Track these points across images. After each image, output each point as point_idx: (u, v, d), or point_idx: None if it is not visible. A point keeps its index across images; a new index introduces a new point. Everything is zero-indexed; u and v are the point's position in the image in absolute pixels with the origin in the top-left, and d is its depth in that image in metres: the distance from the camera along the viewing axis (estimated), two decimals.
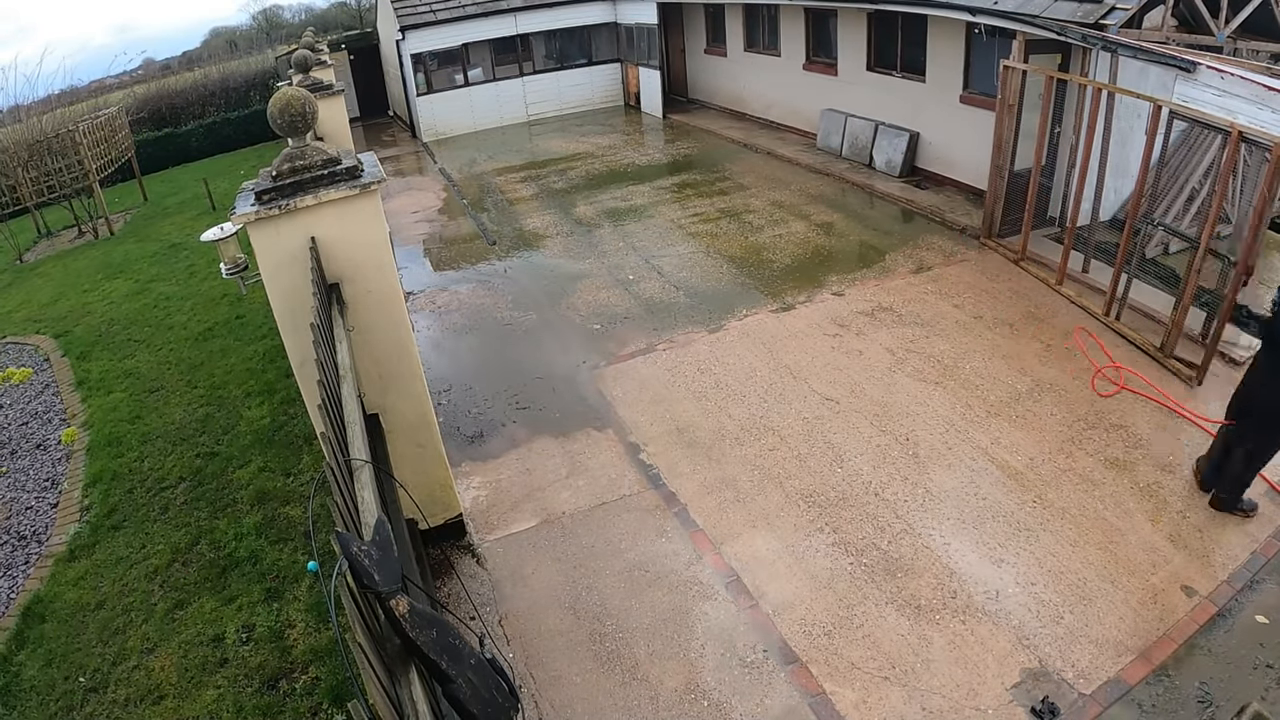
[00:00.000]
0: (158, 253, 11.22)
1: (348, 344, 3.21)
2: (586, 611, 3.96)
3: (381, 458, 3.46)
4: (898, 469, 4.76)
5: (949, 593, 3.87)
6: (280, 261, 3.38)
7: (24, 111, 14.89)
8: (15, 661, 4.07)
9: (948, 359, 5.86)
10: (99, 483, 5.55)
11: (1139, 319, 6.12)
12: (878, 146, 10.46)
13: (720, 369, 6.00)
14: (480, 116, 16.31)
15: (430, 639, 1.77)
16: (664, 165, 12.08)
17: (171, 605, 4.31)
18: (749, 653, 3.64)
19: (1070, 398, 5.30)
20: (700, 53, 15.78)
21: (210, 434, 5.96)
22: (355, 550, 1.68)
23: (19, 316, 9.43)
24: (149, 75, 26.28)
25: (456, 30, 15.62)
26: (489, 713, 1.89)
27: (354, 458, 2.27)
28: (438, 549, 4.38)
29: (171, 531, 4.92)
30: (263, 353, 7.16)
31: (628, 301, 7.34)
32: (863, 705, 3.36)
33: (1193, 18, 7.83)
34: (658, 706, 3.43)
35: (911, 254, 7.78)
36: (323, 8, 39.70)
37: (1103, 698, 3.32)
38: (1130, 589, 3.83)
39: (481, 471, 5.11)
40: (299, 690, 3.65)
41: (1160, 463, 4.67)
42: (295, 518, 4.85)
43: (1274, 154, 4.57)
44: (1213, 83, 5.65)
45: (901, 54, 10.08)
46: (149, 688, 3.79)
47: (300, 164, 3.36)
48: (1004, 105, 7.17)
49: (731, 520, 4.47)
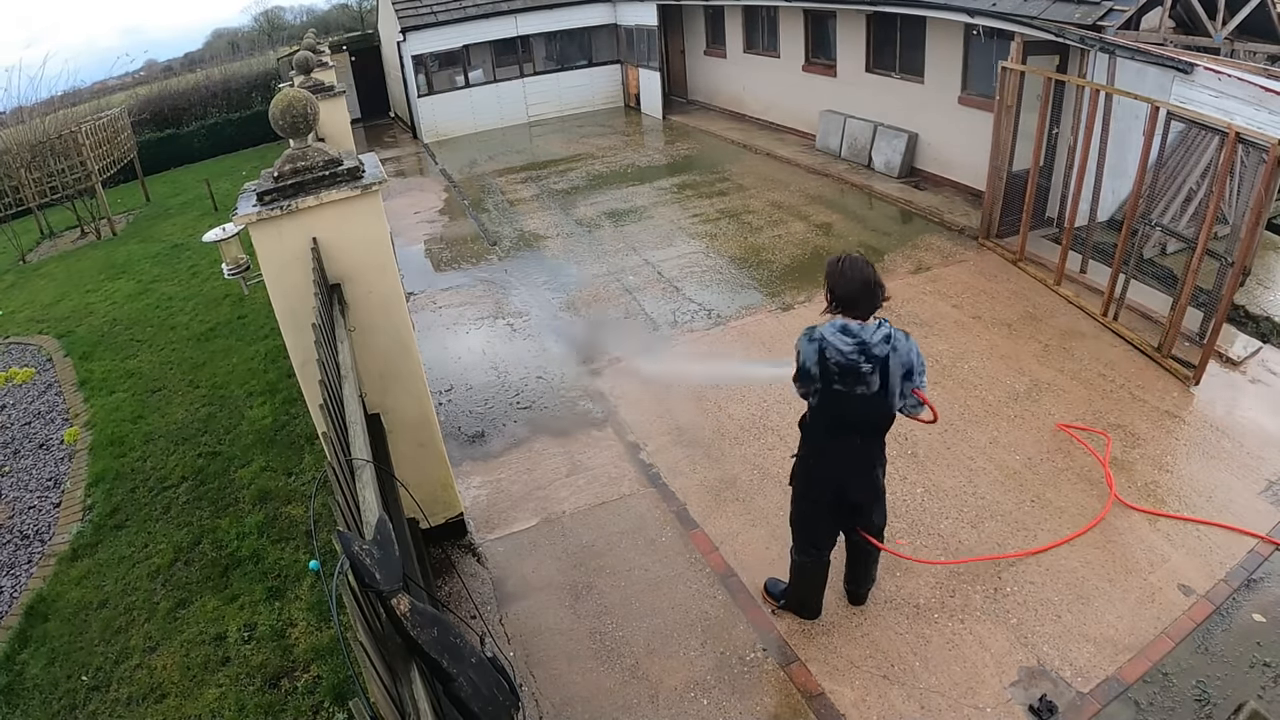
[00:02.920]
0: (160, 253, 11.24)
1: (349, 344, 3.23)
2: (587, 610, 3.97)
3: (383, 457, 3.47)
4: (896, 468, 4.77)
5: (948, 592, 3.88)
6: (282, 262, 3.40)
7: (27, 113, 14.91)
8: (18, 660, 4.09)
9: (946, 359, 5.88)
10: (101, 482, 5.57)
11: (1137, 319, 6.13)
12: (876, 147, 10.47)
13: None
14: (481, 117, 16.34)
15: (431, 637, 1.78)
16: (664, 166, 12.10)
17: (174, 604, 4.33)
18: (749, 651, 3.66)
19: (1069, 397, 5.31)
20: (700, 54, 15.80)
21: (212, 434, 5.98)
22: (357, 549, 1.69)
23: (22, 317, 9.45)
24: (151, 76, 26.34)
25: (457, 31, 15.65)
26: (490, 711, 1.90)
27: (355, 457, 2.29)
28: (439, 548, 4.40)
29: (174, 531, 4.94)
30: (264, 353, 7.18)
31: (628, 301, 7.36)
32: (862, 704, 3.37)
33: (1190, 19, 7.86)
34: (658, 705, 3.45)
35: (910, 254, 7.80)
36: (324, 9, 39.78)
37: (1100, 696, 3.33)
38: (1128, 588, 3.84)
39: (482, 471, 5.13)
40: (300, 689, 3.67)
41: (1158, 462, 4.68)
42: (297, 517, 4.87)
43: (1270, 155, 4.58)
44: (1210, 84, 5.67)
45: (900, 55, 10.10)
46: (151, 686, 3.81)
47: (302, 165, 3.38)
48: (1002, 106, 7.19)
49: (731, 519, 4.49)
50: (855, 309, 2.91)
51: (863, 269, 2.90)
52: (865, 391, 2.92)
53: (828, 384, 2.96)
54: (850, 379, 2.90)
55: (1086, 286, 6.70)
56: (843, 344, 2.87)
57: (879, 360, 2.88)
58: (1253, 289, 6.44)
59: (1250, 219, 4.86)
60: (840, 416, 3.05)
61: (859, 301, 2.89)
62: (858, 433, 3.10)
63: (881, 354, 2.88)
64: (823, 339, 2.92)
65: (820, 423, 3.15)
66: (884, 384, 2.92)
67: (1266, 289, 6.48)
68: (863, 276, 2.88)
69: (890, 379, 2.92)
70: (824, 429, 3.15)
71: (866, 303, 2.89)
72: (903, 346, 2.92)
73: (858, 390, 2.92)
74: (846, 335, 2.88)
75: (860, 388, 2.91)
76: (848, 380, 2.91)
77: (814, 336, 2.95)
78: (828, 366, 2.92)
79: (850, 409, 3.00)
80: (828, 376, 2.94)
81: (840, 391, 2.94)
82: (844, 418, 3.05)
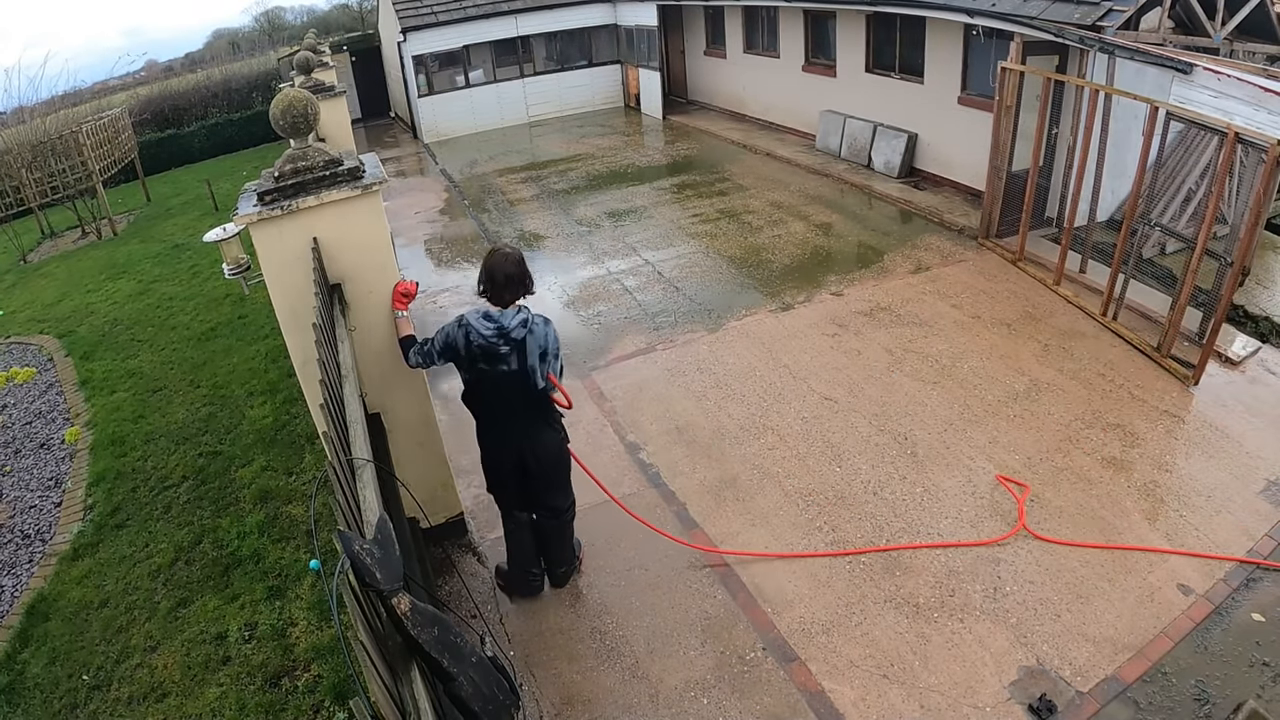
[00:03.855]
0: (161, 253, 11.26)
1: (350, 344, 3.24)
2: (587, 609, 3.98)
3: (383, 457, 3.48)
4: (896, 468, 4.79)
5: (947, 591, 3.89)
6: (283, 262, 3.40)
7: (28, 113, 14.93)
8: (19, 660, 4.10)
9: (945, 359, 5.89)
10: (102, 482, 5.58)
11: (1136, 319, 6.14)
12: (876, 147, 10.48)
13: (720, 369, 6.03)
14: (481, 118, 16.35)
15: (432, 637, 1.79)
16: (664, 166, 12.11)
17: (174, 603, 4.34)
18: (748, 650, 3.67)
19: (1067, 397, 5.32)
20: (700, 54, 15.80)
21: (213, 433, 5.99)
22: (357, 549, 1.69)
23: (23, 317, 9.47)
24: (152, 77, 26.36)
25: (458, 32, 15.66)
26: (490, 710, 1.91)
27: (356, 457, 2.29)
28: (439, 547, 4.41)
29: (174, 530, 4.95)
30: (265, 352, 7.19)
31: (628, 301, 7.37)
32: (861, 703, 3.38)
33: (1189, 19, 7.86)
34: (658, 704, 3.46)
35: (910, 254, 7.80)
36: (325, 9, 39.81)
37: (1100, 695, 3.34)
38: (1127, 587, 3.85)
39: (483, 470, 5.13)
40: (301, 688, 3.68)
41: (1157, 462, 4.69)
42: (298, 516, 4.88)
43: (1269, 155, 4.59)
44: (1209, 84, 5.68)
45: (900, 55, 10.11)
46: (152, 685, 3.82)
47: (302, 165, 3.38)
48: (1001, 106, 7.19)
49: (731, 519, 4.50)
50: (498, 297, 3.32)
51: (505, 263, 3.30)
52: (506, 369, 3.32)
53: (474, 363, 3.34)
54: (491, 359, 3.30)
55: (1086, 286, 6.70)
56: (484, 329, 3.27)
57: (516, 343, 3.29)
58: (1252, 289, 6.44)
59: (1249, 219, 4.87)
60: (489, 392, 3.44)
61: (501, 291, 3.31)
62: (509, 406, 3.46)
63: (519, 337, 3.29)
64: (468, 325, 3.30)
65: (474, 398, 3.51)
66: (522, 363, 3.31)
67: (1265, 289, 6.48)
68: (505, 271, 3.29)
69: (528, 359, 3.32)
70: (479, 404, 3.53)
71: (508, 293, 3.32)
72: (539, 330, 3.34)
73: (500, 368, 3.32)
74: (488, 321, 3.29)
75: (502, 366, 3.31)
76: (490, 360, 3.31)
77: (462, 323, 3.32)
78: (472, 349, 3.30)
79: (495, 385, 3.38)
80: (473, 357, 3.32)
81: (485, 370, 3.34)
82: (493, 393, 3.43)
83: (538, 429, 3.52)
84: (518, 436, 3.50)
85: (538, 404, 3.45)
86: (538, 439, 3.53)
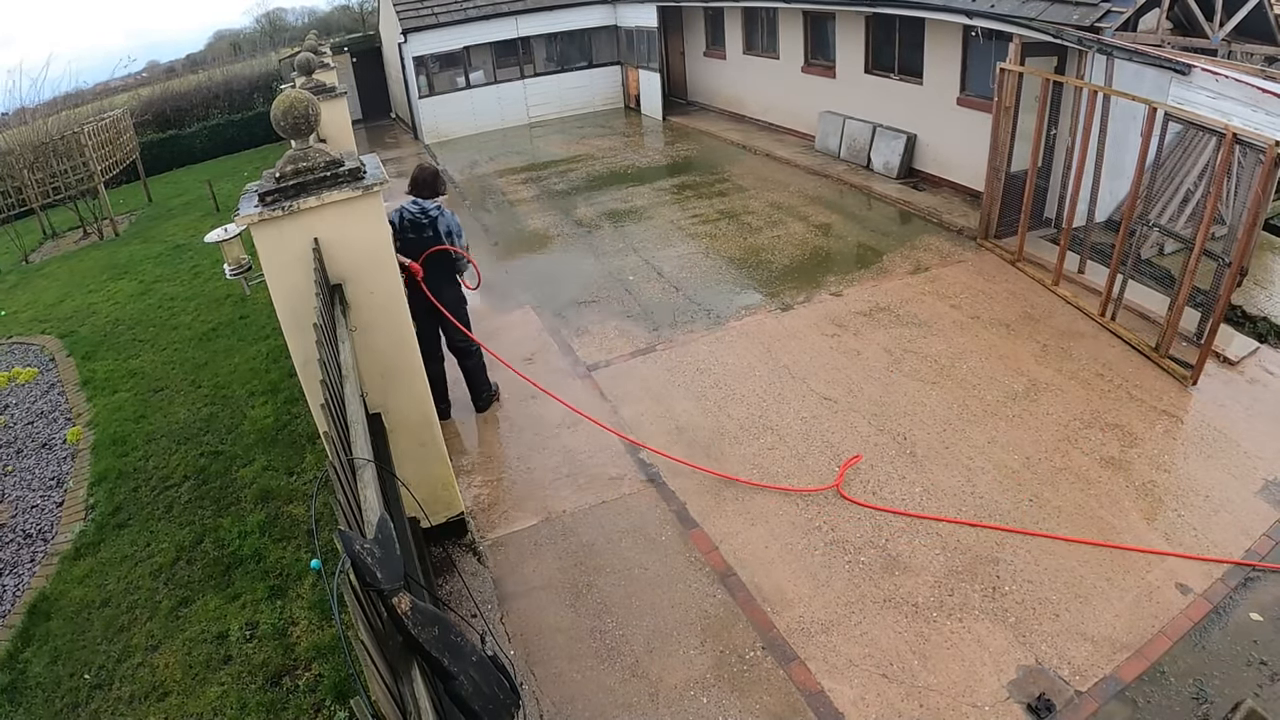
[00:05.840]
0: (162, 254, 11.27)
1: (350, 344, 3.25)
2: (587, 609, 3.99)
3: (384, 456, 3.49)
4: (895, 468, 4.80)
5: (946, 590, 3.90)
6: (283, 262, 3.42)
7: (30, 114, 14.95)
8: (21, 659, 4.11)
9: (945, 359, 5.90)
10: (104, 481, 5.60)
11: (1134, 319, 6.15)
12: (875, 148, 10.50)
13: (719, 369, 6.04)
14: (482, 119, 16.37)
15: (432, 636, 1.80)
16: (664, 167, 12.13)
17: (176, 603, 4.35)
18: (748, 650, 3.68)
19: (1066, 397, 5.33)
20: (700, 55, 15.82)
21: (214, 433, 6.01)
22: (358, 548, 1.70)
23: (25, 317, 9.48)
24: (153, 78, 26.38)
25: (458, 33, 15.68)
26: (491, 709, 1.92)
27: (357, 457, 2.30)
28: (440, 547, 4.42)
29: (176, 530, 4.97)
30: (266, 353, 7.20)
31: (628, 301, 7.38)
32: (861, 702, 3.39)
33: (1187, 21, 7.88)
34: (658, 704, 3.47)
35: (909, 255, 7.81)
36: (325, 11, 39.85)
37: (1098, 694, 3.35)
38: (1126, 586, 3.86)
39: (483, 470, 5.15)
40: (302, 687, 3.69)
41: (1156, 461, 4.70)
42: (298, 516, 4.90)
43: (1267, 155, 4.60)
44: (1207, 85, 5.69)
45: (899, 56, 10.12)
46: (153, 685, 3.83)
47: (303, 166, 3.40)
48: (1000, 107, 7.21)
49: (731, 519, 4.51)
50: (417, 191, 5.12)
51: (423, 172, 5.16)
52: (426, 236, 5.02)
53: (404, 233, 4.97)
54: (416, 230, 5.01)
55: (1084, 287, 6.71)
56: (412, 209, 5.04)
57: (432, 220, 5.03)
58: (1250, 289, 6.45)
59: (1247, 219, 4.88)
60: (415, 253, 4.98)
61: (420, 188, 5.12)
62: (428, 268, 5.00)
63: (434, 215, 5.04)
64: (403, 207, 5.04)
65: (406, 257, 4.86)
66: (435, 233, 5.03)
67: (1264, 289, 6.49)
68: (423, 175, 5.14)
69: (439, 231, 5.04)
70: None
71: (425, 190, 5.12)
72: (447, 215, 5.10)
73: (424, 236, 5.01)
74: (415, 206, 5.06)
75: (425, 234, 5.02)
76: (417, 230, 5.02)
77: (398, 208, 5.02)
78: (404, 220, 4.99)
79: (419, 248, 5.00)
80: (404, 228, 4.98)
81: (412, 238, 4.99)
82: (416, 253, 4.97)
83: (443, 284, 5.13)
84: (433, 290, 4.99)
85: (441, 265, 5.08)
86: (443, 289, 5.12)
